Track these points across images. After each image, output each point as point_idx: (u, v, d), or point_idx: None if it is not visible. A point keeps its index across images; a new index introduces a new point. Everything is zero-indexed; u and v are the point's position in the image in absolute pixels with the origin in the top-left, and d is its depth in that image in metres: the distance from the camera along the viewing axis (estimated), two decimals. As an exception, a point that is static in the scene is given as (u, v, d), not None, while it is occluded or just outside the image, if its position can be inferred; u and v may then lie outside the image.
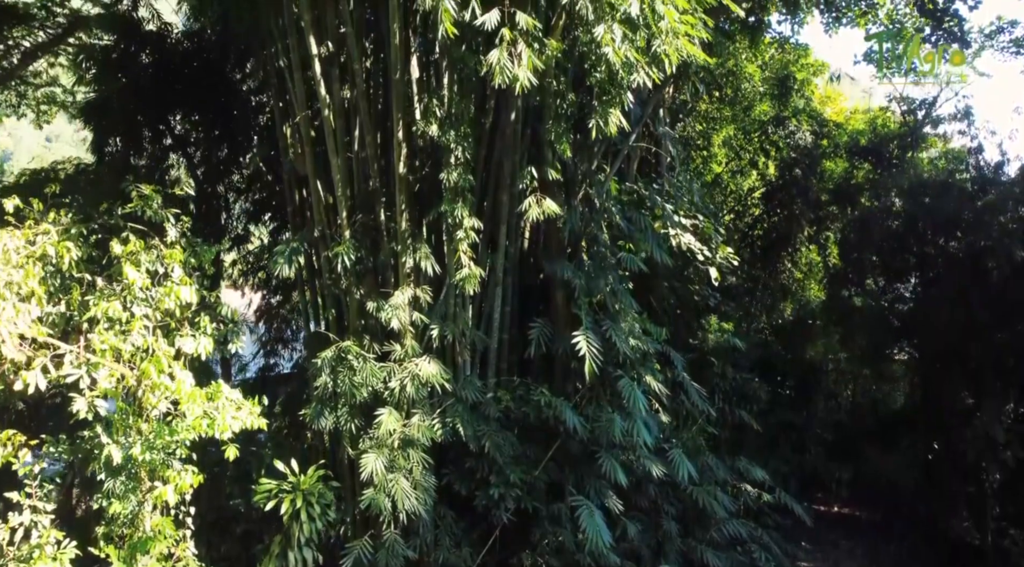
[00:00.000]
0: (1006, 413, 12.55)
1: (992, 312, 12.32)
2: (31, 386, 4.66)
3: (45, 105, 15.41)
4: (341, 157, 7.22)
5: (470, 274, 6.41)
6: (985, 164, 13.96)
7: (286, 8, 7.18)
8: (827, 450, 14.71)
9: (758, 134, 19.19)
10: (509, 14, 5.45)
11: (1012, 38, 16.43)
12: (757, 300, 18.23)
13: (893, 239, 14.28)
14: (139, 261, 5.73)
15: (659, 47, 5.71)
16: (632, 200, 9.89)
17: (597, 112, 6.03)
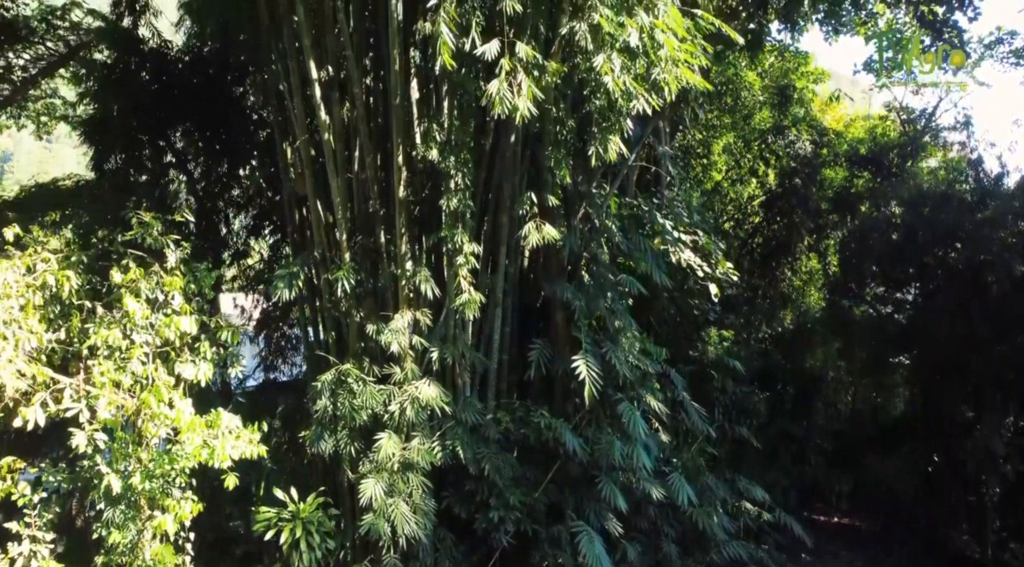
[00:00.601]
0: (1006, 426, 12.55)
1: (992, 325, 12.32)
2: (31, 422, 4.66)
3: (45, 116, 15.42)
4: (341, 179, 7.23)
5: (470, 299, 6.42)
6: (985, 175, 13.96)
7: (286, 32, 7.18)
8: (827, 459, 14.72)
9: (758, 143, 19.21)
10: (509, 44, 5.45)
11: (1011, 49, 16.46)
12: (757, 309, 18.23)
13: (893, 250, 14.28)
14: (139, 290, 5.74)
15: (658, 75, 5.72)
16: (632, 214, 9.90)
17: (596, 139, 6.03)
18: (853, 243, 15.46)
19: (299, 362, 12.38)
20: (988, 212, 12.08)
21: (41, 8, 13.13)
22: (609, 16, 5.34)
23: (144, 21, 9.87)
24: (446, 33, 5.19)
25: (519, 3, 5.30)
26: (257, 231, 11.46)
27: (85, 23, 13.57)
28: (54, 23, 13.48)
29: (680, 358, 12.86)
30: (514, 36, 5.56)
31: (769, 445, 13.56)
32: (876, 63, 17.84)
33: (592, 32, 5.38)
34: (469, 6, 5.46)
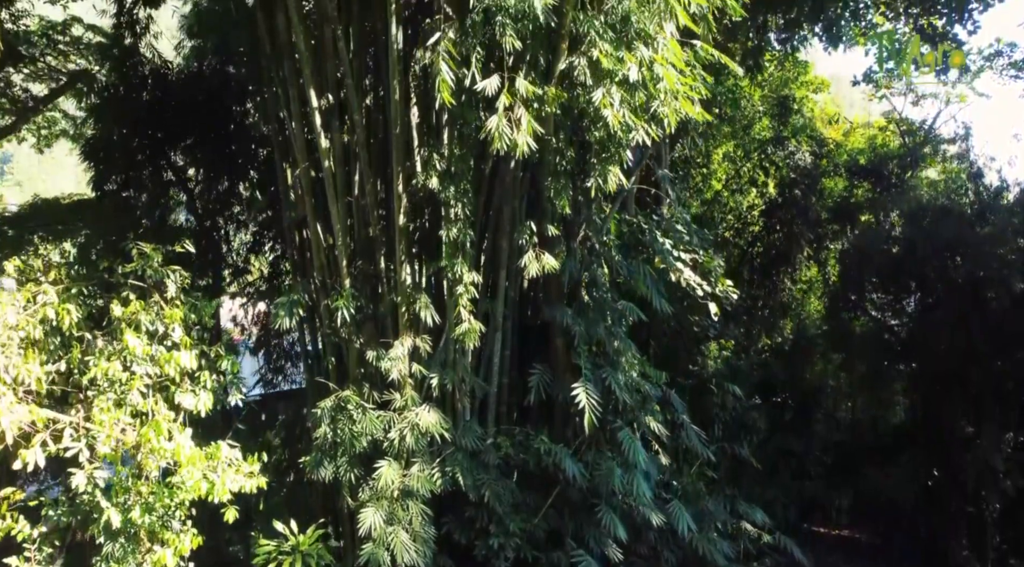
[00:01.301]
0: (1006, 441, 12.55)
1: (992, 339, 12.34)
2: (30, 464, 4.67)
3: (45, 129, 15.44)
4: (341, 204, 7.24)
5: (470, 329, 6.42)
6: (984, 189, 13.98)
7: (286, 60, 7.20)
8: (827, 472, 14.71)
9: (757, 153, 19.22)
10: (508, 78, 5.46)
11: (1011, 61, 16.47)
12: (757, 319, 18.23)
13: (892, 263, 14.29)
14: (139, 322, 5.75)
15: (658, 107, 5.73)
16: (631, 231, 9.91)
17: (596, 170, 6.04)
18: (853, 255, 15.47)
19: (300, 369, 12.40)
20: (988, 228, 12.10)
21: (42, 24, 13.18)
22: (608, 51, 5.35)
23: (144, 43, 9.88)
24: (445, 71, 5.20)
25: (519, 39, 5.31)
26: (257, 248, 11.47)
27: (86, 38, 13.63)
28: (55, 38, 13.54)
29: (679, 372, 12.86)
30: (513, 68, 5.56)
31: (769, 460, 13.57)
32: (876, 74, 17.88)
33: (591, 67, 5.39)
34: (469, 42, 5.47)
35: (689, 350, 13.14)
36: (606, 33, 5.40)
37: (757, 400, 14.89)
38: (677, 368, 12.74)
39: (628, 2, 5.42)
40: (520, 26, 5.45)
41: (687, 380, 13.27)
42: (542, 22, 5.35)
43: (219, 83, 10.10)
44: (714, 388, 12.69)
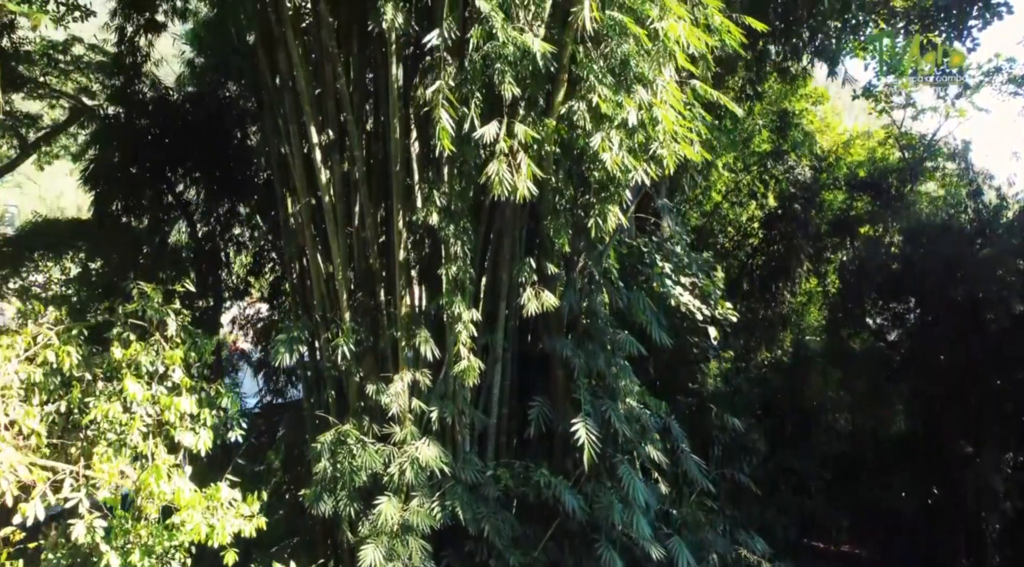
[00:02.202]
0: (1005, 461, 12.56)
1: (992, 359, 12.35)
2: (30, 518, 4.68)
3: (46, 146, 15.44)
4: (341, 238, 7.25)
5: (469, 366, 6.43)
6: (984, 207, 13.99)
7: (287, 94, 7.21)
8: (827, 487, 14.71)
9: (757, 166, 19.21)
10: (508, 123, 5.47)
11: (1010, 76, 16.47)
12: (756, 335, 18.23)
13: (892, 280, 14.31)
14: (139, 363, 5.76)
15: (657, 149, 5.74)
16: (632, 254, 9.92)
17: (595, 210, 6.05)
18: (852, 272, 15.50)
19: (299, 388, 12.39)
20: (987, 249, 12.11)
21: (42, 43, 13.20)
22: (607, 95, 5.36)
23: (145, 69, 9.90)
24: (445, 119, 5.21)
25: (518, 86, 5.32)
26: (257, 270, 11.49)
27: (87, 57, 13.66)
28: (55, 57, 13.57)
29: (679, 389, 12.88)
30: (512, 109, 5.57)
31: (769, 478, 13.57)
32: (875, 87, 17.91)
33: (591, 111, 5.40)
34: (468, 87, 5.49)
35: (689, 369, 13.16)
36: (605, 77, 5.41)
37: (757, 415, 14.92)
38: (676, 386, 12.77)
39: (627, 46, 5.43)
40: (520, 68, 5.47)
41: (687, 398, 13.31)
42: (541, 67, 5.37)
43: (220, 107, 10.12)
44: (713, 407, 12.72)
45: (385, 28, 5.57)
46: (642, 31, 5.27)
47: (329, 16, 6.79)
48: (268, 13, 6.98)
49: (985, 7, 14.78)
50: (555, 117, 6.28)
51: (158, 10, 9.23)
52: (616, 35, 5.34)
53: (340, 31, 7.08)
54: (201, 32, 10.61)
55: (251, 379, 13.87)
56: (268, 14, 6.99)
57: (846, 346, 15.60)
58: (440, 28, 5.49)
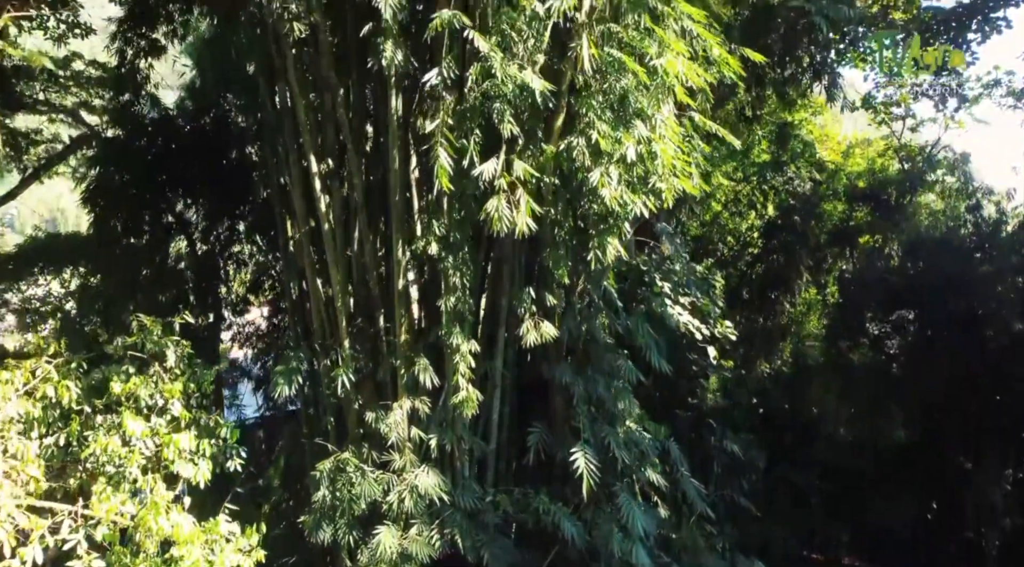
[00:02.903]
0: (1005, 477, 12.56)
1: (991, 374, 12.34)
2: (28, 562, 4.68)
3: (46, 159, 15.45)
4: (340, 265, 7.26)
5: (467, 397, 6.43)
6: (983, 222, 13.99)
7: (287, 123, 7.22)
8: (827, 500, 14.69)
9: (756, 177, 19.19)
10: (506, 161, 5.48)
11: (1009, 89, 16.47)
12: (755, 346, 18.21)
13: (891, 295, 14.31)
14: (138, 397, 5.76)
15: (656, 183, 5.75)
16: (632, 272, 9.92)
17: (595, 243, 6.05)
18: (852, 285, 15.50)
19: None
20: (986, 266, 12.11)
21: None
22: (607, 132, 5.36)
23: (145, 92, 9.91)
24: (443, 157, 5.22)
25: (517, 124, 5.33)
26: (257, 287, 11.50)
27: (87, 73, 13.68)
28: (55, 73, 13.57)
29: (678, 403, 12.87)
30: (510, 145, 5.58)
31: (769, 491, 13.55)
32: (873, 98, 17.91)
33: (590, 148, 5.41)
34: (467, 125, 5.50)
35: (689, 383, 13.14)
36: (604, 113, 5.42)
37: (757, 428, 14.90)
38: (675, 400, 12.76)
39: (626, 81, 5.44)
40: (519, 103, 5.48)
41: (686, 412, 13.30)
42: (540, 104, 5.38)
43: (220, 126, 10.13)
44: (713, 423, 12.72)
45: (384, 65, 5.59)
46: (641, 69, 5.27)
47: (329, 46, 6.80)
48: (268, 43, 6.99)
49: (984, 21, 14.82)
50: (554, 143, 6.30)
51: (157, 31, 9.21)
52: (615, 71, 5.34)
53: (340, 60, 7.09)
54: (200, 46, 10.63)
55: (251, 386, 13.88)
56: (268, 44, 7.00)
57: (845, 358, 15.58)
58: (439, 67, 5.50)
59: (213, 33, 8.99)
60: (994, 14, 14.74)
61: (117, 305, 10.47)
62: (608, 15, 5.39)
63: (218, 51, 9.26)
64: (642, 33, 5.43)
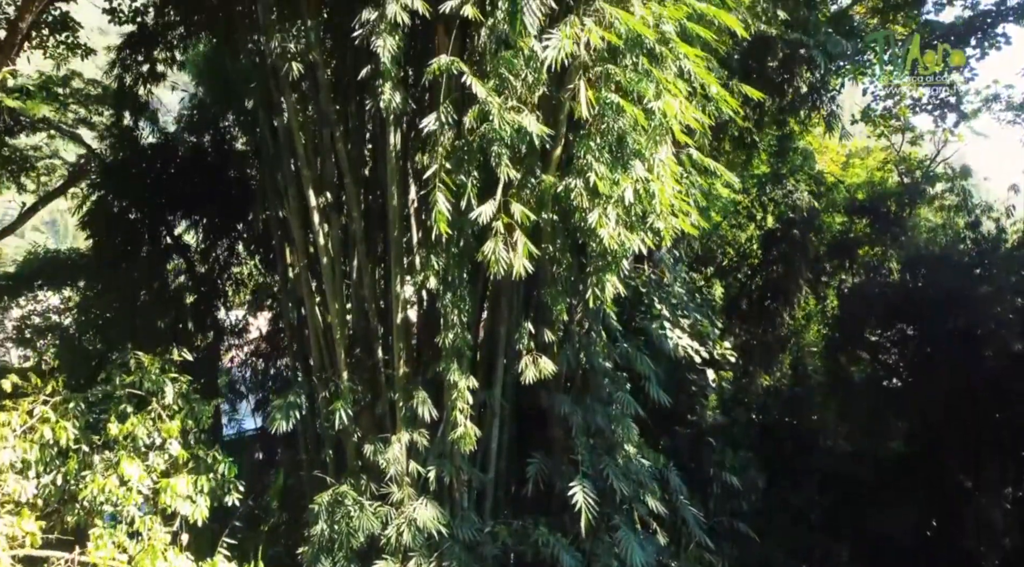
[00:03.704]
0: (1005, 496, 12.55)
1: (992, 391, 12.33)
2: (27, 614, 4.68)
3: (46, 176, 15.47)
4: (339, 297, 7.26)
5: (466, 433, 6.42)
6: (982, 238, 13.98)
7: (286, 158, 7.21)
8: (826, 517, 14.67)
9: (756, 189, 19.18)
10: (504, 203, 5.48)
11: (1008, 103, 16.48)
12: (755, 358, 18.18)
13: (891, 310, 14.30)
14: (136, 436, 5.76)
15: (654, 221, 5.75)
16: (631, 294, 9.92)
17: (593, 280, 6.04)
18: (851, 303, 15.49)
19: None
20: (985, 286, 12.10)
21: (41, 78, 13.22)
22: (604, 174, 5.36)
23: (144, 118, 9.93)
24: (442, 202, 5.22)
25: (514, 169, 5.33)
26: (256, 307, 11.50)
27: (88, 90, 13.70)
28: (54, 91, 13.59)
29: (677, 420, 12.86)
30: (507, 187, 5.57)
31: (768, 509, 13.53)
32: (873, 112, 17.93)
33: (587, 190, 5.40)
34: (464, 170, 5.49)
35: (688, 400, 13.14)
36: (602, 154, 5.41)
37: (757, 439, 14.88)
38: (675, 416, 12.75)
39: (624, 122, 5.43)
40: (516, 143, 5.47)
41: (685, 429, 13.29)
42: (537, 146, 5.38)
43: (219, 148, 10.14)
44: (712, 441, 12.71)
45: (383, 107, 5.59)
46: (639, 112, 5.27)
47: (328, 82, 6.80)
48: (267, 78, 7.00)
49: (983, 37, 14.85)
50: (552, 173, 6.29)
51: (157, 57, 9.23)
52: (613, 113, 5.34)
53: (339, 94, 7.10)
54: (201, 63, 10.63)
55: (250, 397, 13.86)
56: (267, 79, 7.01)
57: (845, 373, 15.57)
58: (437, 111, 5.50)
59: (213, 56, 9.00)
60: (993, 30, 14.79)
61: (116, 326, 10.47)
62: (606, 55, 5.38)
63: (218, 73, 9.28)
64: (640, 74, 5.43)
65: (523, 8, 4.72)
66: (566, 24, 5.03)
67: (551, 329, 6.97)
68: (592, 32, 5.03)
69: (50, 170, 15.58)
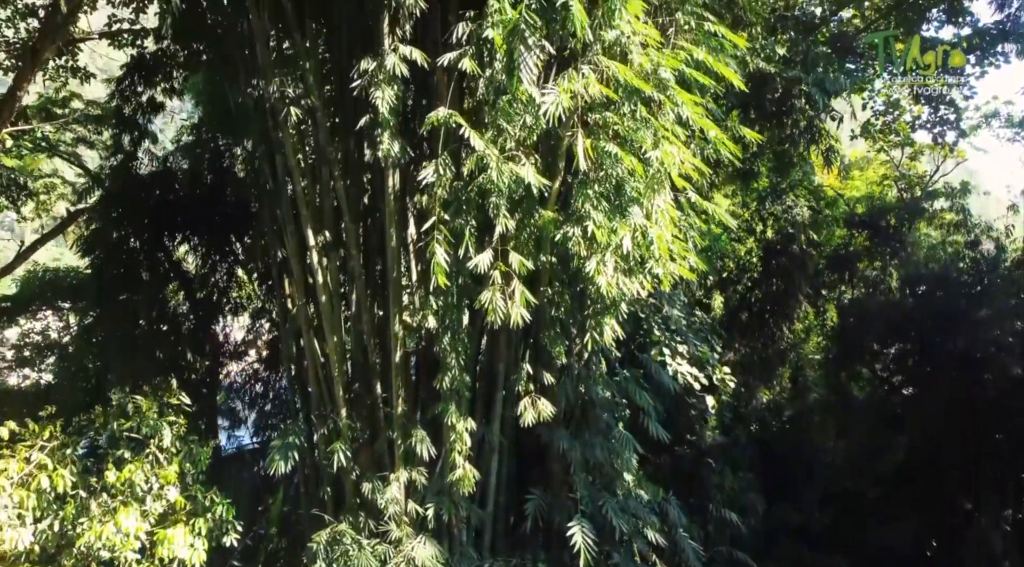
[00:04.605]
0: (1004, 518, 12.53)
1: (992, 412, 12.31)
2: None
3: (45, 195, 15.45)
4: (337, 337, 7.25)
5: (464, 476, 6.41)
6: (982, 257, 13.97)
7: (284, 197, 7.20)
8: (826, 536, 14.65)
9: (755, 204, 19.16)
10: (502, 252, 5.47)
11: (1008, 120, 16.49)
12: (754, 373, 18.16)
13: (891, 328, 14.29)
14: (134, 483, 5.76)
15: (653, 267, 5.74)
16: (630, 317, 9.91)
17: (591, 324, 6.04)
18: (851, 318, 15.48)
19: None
20: (985, 310, 12.08)
21: (41, 99, 13.23)
22: (602, 222, 5.35)
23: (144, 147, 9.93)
24: (440, 254, 5.22)
25: (512, 216, 5.33)
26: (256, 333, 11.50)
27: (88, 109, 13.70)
28: (53, 111, 13.60)
29: (677, 439, 12.83)
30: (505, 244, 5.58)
31: (768, 527, 13.52)
32: (872, 127, 17.91)
33: (585, 239, 5.40)
34: (462, 218, 5.49)
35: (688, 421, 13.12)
36: (600, 203, 5.40)
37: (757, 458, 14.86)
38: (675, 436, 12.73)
39: (621, 169, 5.42)
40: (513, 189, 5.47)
41: (685, 449, 13.27)
42: (535, 193, 5.38)
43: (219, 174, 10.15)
44: (711, 462, 12.71)
45: (381, 157, 5.58)
46: (638, 163, 5.26)
47: (327, 124, 6.80)
48: (267, 117, 7.00)
49: (983, 56, 14.84)
50: (551, 208, 6.29)
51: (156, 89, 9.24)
52: (611, 162, 5.34)
53: (337, 133, 7.09)
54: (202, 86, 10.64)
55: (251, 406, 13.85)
56: (267, 118, 7.01)
57: (845, 390, 15.56)
58: (435, 163, 5.49)
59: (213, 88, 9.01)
60: (993, 48, 14.78)
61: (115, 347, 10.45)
62: (604, 102, 5.37)
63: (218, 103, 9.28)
64: (638, 122, 5.42)
65: (520, 65, 4.71)
66: (564, 78, 5.03)
67: (550, 370, 6.95)
68: (590, 85, 5.03)
69: (49, 189, 15.62)
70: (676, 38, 5.96)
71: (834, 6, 14.33)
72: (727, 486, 11.89)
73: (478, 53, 5.13)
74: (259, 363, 11.77)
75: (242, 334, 11.84)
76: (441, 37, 6.00)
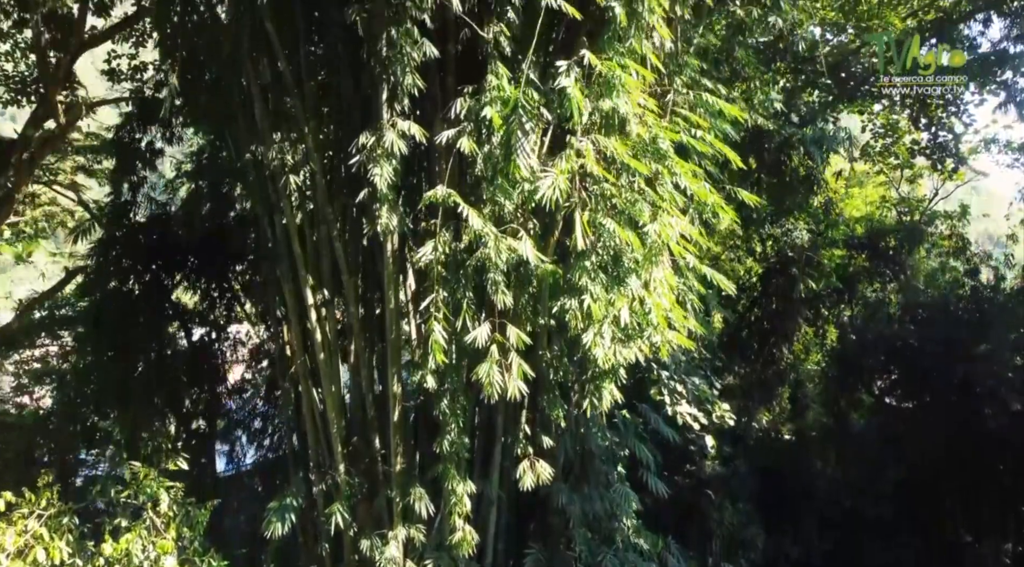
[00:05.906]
0: (1004, 551, 12.51)
1: (991, 446, 12.30)
2: None
3: (44, 222, 15.45)
4: (336, 395, 7.25)
5: (464, 538, 6.39)
6: (981, 287, 13.97)
7: (284, 257, 7.20)
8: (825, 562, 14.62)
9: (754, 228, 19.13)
10: (500, 325, 5.47)
11: (1007, 144, 16.50)
12: (754, 396, 18.13)
13: (890, 356, 14.29)
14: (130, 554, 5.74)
15: (650, 335, 5.73)
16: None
17: (590, 388, 6.03)
18: (850, 345, 15.47)
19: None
20: (984, 345, 12.06)
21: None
22: (599, 296, 5.34)
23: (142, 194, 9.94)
24: (438, 332, 5.21)
25: (510, 296, 5.32)
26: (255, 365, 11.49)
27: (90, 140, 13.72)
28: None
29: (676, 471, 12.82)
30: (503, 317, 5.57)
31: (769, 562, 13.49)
32: (872, 148, 17.91)
33: (582, 312, 5.39)
34: (460, 293, 5.49)
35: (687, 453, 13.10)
36: (597, 275, 5.40)
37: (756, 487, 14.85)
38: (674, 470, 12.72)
39: (617, 239, 5.41)
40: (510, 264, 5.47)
41: (685, 480, 13.25)
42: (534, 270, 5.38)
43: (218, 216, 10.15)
44: (711, 494, 12.70)
45: (380, 231, 5.58)
46: (635, 238, 5.26)
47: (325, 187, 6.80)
48: (266, 181, 7.01)
49: (984, 83, 14.87)
50: (549, 254, 6.28)
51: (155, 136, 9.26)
52: (608, 235, 5.33)
53: (336, 194, 7.09)
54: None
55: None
56: (266, 182, 7.02)
57: (845, 417, 15.53)
58: (434, 241, 5.49)
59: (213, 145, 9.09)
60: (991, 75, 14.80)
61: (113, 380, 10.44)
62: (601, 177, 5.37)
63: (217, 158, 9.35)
64: (635, 194, 5.42)
65: (516, 149, 4.71)
66: (562, 158, 5.03)
67: (548, 434, 6.93)
68: (588, 163, 5.03)
69: (49, 217, 15.61)
70: (674, 105, 5.96)
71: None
72: (727, 521, 11.87)
73: (476, 130, 5.13)
74: (259, 398, 11.77)
75: (241, 370, 11.82)
76: (440, 110, 5.99)
